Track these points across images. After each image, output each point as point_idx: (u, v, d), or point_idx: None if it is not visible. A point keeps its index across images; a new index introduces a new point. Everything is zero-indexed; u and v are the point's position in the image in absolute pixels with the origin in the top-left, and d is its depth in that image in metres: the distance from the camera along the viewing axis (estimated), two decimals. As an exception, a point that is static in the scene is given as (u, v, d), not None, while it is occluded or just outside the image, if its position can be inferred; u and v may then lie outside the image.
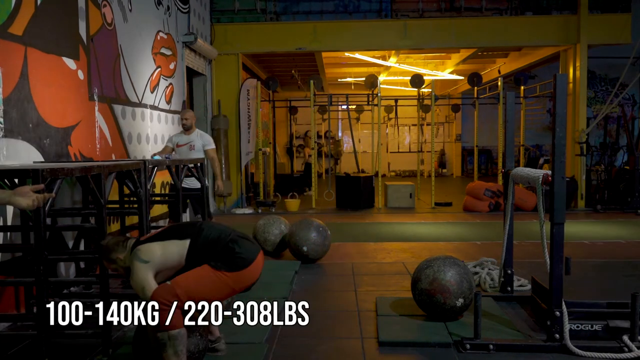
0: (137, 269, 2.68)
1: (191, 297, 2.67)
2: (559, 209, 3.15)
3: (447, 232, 7.58)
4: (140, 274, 2.67)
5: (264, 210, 9.91)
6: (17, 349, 3.32)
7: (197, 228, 2.81)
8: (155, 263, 2.70)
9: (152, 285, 2.66)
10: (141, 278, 2.66)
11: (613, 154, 11.92)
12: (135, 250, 2.75)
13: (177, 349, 2.62)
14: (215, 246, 2.74)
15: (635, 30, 9.98)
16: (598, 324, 3.35)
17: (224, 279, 2.70)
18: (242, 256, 2.73)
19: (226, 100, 10.24)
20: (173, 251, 2.73)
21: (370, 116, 11.80)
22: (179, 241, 2.75)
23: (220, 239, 2.76)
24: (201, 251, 2.73)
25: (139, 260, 2.69)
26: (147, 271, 2.68)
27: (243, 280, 2.77)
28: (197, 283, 2.67)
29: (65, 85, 4.74)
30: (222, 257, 2.72)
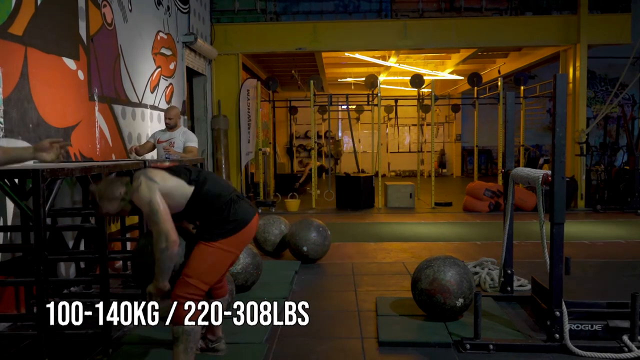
0: (144, 185, 2.54)
1: (205, 281, 2.64)
2: (559, 209, 3.15)
3: (447, 232, 7.58)
4: (146, 189, 2.53)
5: (264, 210, 9.91)
6: (17, 349, 3.32)
7: (202, 179, 2.71)
8: (163, 187, 2.57)
9: (160, 202, 2.52)
10: (148, 192, 2.52)
11: (613, 154, 11.92)
12: (142, 171, 2.64)
13: (188, 345, 2.60)
14: (213, 203, 2.68)
15: (635, 30, 9.98)
16: (598, 324, 3.35)
17: (222, 248, 2.66)
18: (237, 218, 2.69)
19: (226, 100, 10.24)
20: (180, 189, 2.64)
21: (370, 116, 11.80)
22: (186, 184, 2.66)
23: (220, 196, 2.70)
24: (200, 204, 2.67)
25: (146, 177, 2.57)
26: (155, 189, 2.54)
27: (238, 243, 2.73)
28: (202, 265, 2.63)
29: (66, 86, 4.74)
30: (217, 218, 2.67)
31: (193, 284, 2.61)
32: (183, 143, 5.91)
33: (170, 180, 2.63)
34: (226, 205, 2.70)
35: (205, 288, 2.67)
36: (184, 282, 2.62)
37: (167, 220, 2.53)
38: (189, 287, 2.61)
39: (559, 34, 10.08)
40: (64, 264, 4.62)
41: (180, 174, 2.70)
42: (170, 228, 2.51)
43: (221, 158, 9.80)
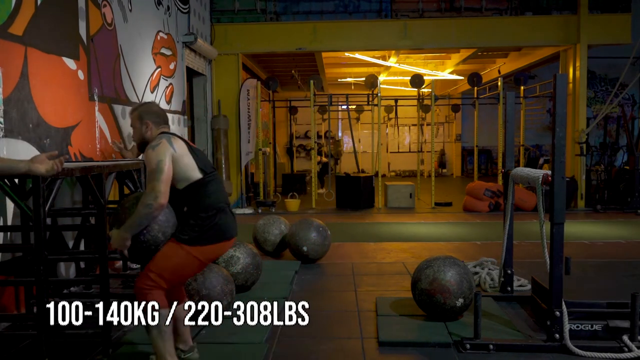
0: (165, 146, 2.64)
1: (165, 278, 2.67)
2: (559, 209, 3.15)
3: (447, 232, 7.58)
4: (164, 150, 2.63)
5: (264, 210, 9.91)
6: (17, 349, 3.32)
7: (212, 176, 2.79)
8: (177, 159, 2.66)
9: (168, 166, 2.60)
10: (163, 152, 2.62)
11: (613, 154, 11.92)
12: (169, 135, 2.74)
13: (159, 329, 2.65)
14: (206, 200, 2.72)
15: (635, 30, 9.97)
16: (598, 324, 3.35)
17: (191, 254, 2.68)
18: (219, 230, 2.73)
19: (226, 100, 10.24)
20: (189, 170, 2.70)
21: (370, 116, 11.80)
22: (197, 169, 2.72)
23: (216, 199, 2.75)
24: (197, 193, 2.71)
25: (170, 143, 2.66)
26: (169, 154, 2.63)
27: (209, 254, 2.77)
28: (167, 262, 2.66)
29: (66, 86, 4.74)
30: (202, 216, 2.69)
31: (152, 278, 2.65)
32: None
33: (186, 155, 2.70)
34: (216, 210, 2.74)
35: (163, 284, 2.68)
36: (145, 274, 2.68)
37: (166, 183, 2.59)
38: (148, 279, 2.66)
39: (559, 34, 10.08)
40: (64, 264, 4.62)
41: (198, 157, 2.76)
42: (164, 191, 2.57)
43: (221, 158, 9.80)
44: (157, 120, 2.85)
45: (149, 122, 2.82)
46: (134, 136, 2.91)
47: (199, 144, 9.64)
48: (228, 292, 3.68)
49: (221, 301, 3.62)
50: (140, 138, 2.85)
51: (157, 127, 2.84)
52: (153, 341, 2.69)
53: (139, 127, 2.84)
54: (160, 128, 2.85)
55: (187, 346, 3.03)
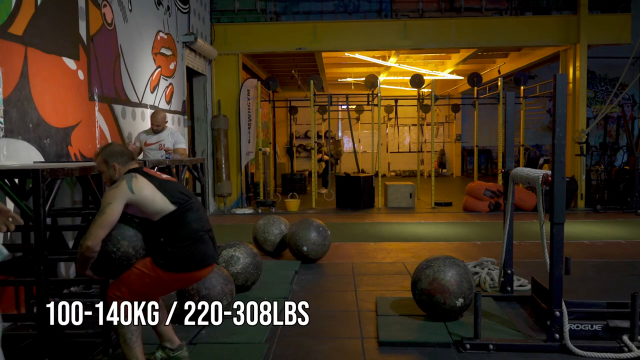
0: (120, 190, 2.67)
1: (133, 293, 2.70)
2: (559, 209, 3.15)
3: (447, 232, 7.58)
4: (118, 194, 2.66)
5: (264, 210, 9.91)
6: (17, 349, 3.32)
7: (188, 206, 2.78)
8: (137, 200, 2.68)
9: (116, 210, 2.63)
10: (116, 197, 2.65)
11: (613, 154, 11.92)
12: (132, 175, 2.75)
13: (125, 337, 2.71)
14: (180, 232, 2.72)
15: (635, 30, 9.97)
16: (598, 324, 3.35)
17: (163, 278, 2.71)
18: (194, 259, 2.74)
19: (226, 100, 10.24)
20: (157, 205, 2.71)
21: (370, 116, 11.80)
22: (169, 202, 2.73)
23: (188, 231, 2.74)
24: (172, 224, 2.73)
25: (128, 185, 2.69)
26: (124, 198, 2.65)
27: (181, 280, 2.80)
28: (139, 281, 2.70)
29: (66, 85, 4.74)
30: (178, 246, 2.70)
31: (122, 290, 2.70)
32: (172, 144, 5.84)
33: (150, 194, 2.70)
34: (193, 240, 2.73)
35: (130, 299, 2.71)
36: (116, 284, 2.72)
37: (102, 227, 2.61)
38: (117, 290, 2.71)
39: (559, 34, 10.08)
40: (64, 264, 4.62)
41: (167, 191, 2.75)
42: (96, 234, 2.59)
43: (221, 158, 9.80)
44: (123, 159, 2.84)
45: (115, 164, 2.82)
46: (103, 178, 2.91)
47: (199, 144, 9.65)
48: (228, 292, 3.68)
49: (221, 301, 3.62)
50: (110, 180, 2.85)
51: (124, 166, 2.83)
52: (121, 347, 2.75)
53: (106, 170, 2.84)
54: (127, 166, 2.84)
55: (174, 344, 3.02)
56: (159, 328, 2.98)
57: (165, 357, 3.00)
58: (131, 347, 2.71)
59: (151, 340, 3.17)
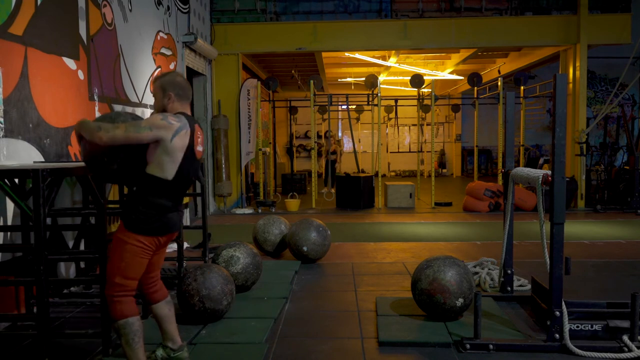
0: (168, 129, 2.62)
1: (127, 276, 2.67)
2: (559, 209, 3.15)
3: (447, 232, 7.58)
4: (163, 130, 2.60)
5: (264, 210, 9.91)
6: (17, 349, 3.32)
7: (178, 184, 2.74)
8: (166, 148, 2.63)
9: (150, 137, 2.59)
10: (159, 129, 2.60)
11: (613, 154, 11.93)
12: (187, 125, 2.69)
13: (128, 337, 2.66)
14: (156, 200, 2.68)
15: (635, 30, 9.98)
16: (598, 324, 3.35)
17: (136, 244, 2.66)
18: (163, 223, 2.70)
19: (226, 100, 10.24)
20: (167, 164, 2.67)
21: (370, 116, 11.80)
22: (174, 173, 2.69)
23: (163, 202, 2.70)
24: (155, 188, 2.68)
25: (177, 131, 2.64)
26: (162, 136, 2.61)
27: (156, 243, 2.73)
28: (122, 262, 2.67)
29: (66, 85, 4.74)
30: (146, 216, 2.66)
31: (117, 282, 2.66)
32: None
33: (177, 153, 2.66)
34: (164, 210, 2.70)
35: (130, 283, 2.69)
36: (109, 282, 2.69)
37: (126, 139, 2.57)
38: (114, 287, 2.67)
39: (559, 34, 10.08)
40: (64, 263, 4.62)
41: (185, 165, 2.72)
42: (116, 140, 2.56)
43: (221, 158, 9.80)
44: (181, 93, 2.80)
45: (172, 95, 2.77)
46: (155, 104, 2.86)
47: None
48: (228, 292, 3.67)
49: (221, 301, 3.62)
50: (161, 109, 2.80)
51: (180, 100, 2.80)
52: (123, 348, 2.70)
53: (161, 98, 2.79)
54: (182, 103, 2.81)
55: (175, 345, 3.00)
56: (164, 325, 2.97)
57: (166, 357, 3.00)
58: (133, 348, 2.67)
59: (152, 340, 3.18)
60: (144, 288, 2.94)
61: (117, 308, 2.66)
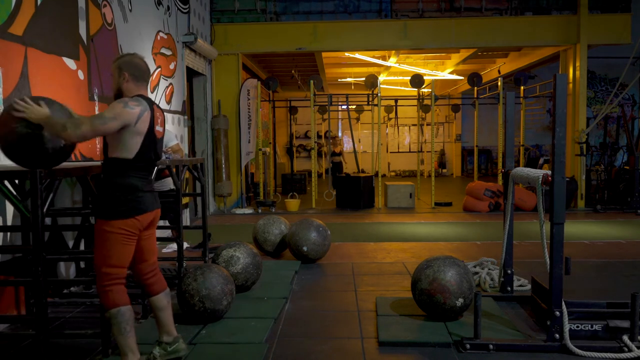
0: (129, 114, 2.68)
1: (113, 264, 2.72)
2: (559, 209, 3.15)
3: (447, 232, 7.58)
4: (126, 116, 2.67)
5: (264, 210, 9.91)
6: (17, 349, 3.32)
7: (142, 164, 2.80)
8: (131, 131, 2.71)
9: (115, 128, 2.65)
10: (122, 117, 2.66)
11: (613, 154, 11.92)
12: (147, 107, 2.76)
13: (120, 326, 2.71)
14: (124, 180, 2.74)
15: (635, 30, 9.98)
16: (598, 324, 3.35)
17: (113, 231, 2.71)
18: (133, 207, 2.74)
19: (226, 100, 10.24)
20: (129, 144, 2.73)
21: (370, 116, 11.80)
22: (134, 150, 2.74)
23: (131, 182, 2.75)
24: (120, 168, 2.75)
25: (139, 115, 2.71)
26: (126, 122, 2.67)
27: (132, 225, 2.76)
28: (105, 250, 2.72)
29: (66, 85, 4.74)
30: (114, 199, 2.72)
31: (105, 272, 2.72)
32: (165, 144, 5.79)
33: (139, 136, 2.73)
34: (132, 190, 2.75)
35: (117, 271, 2.73)
36: (97, 273, 2.75)
37: (94, 133, 2.65)
38: (102, 278, 2.73)
39: (559, 34, 10.08)
40: (63, 263, 4.62)
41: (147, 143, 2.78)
42: (85, 136, 2.64)
43: (221, 158, 9.80)
44: (136, 74, 2.83)
45: (126, 74, 2.80)
46: (112, 85, 2.89)
47: (199, 144, 9.65)
48: (228, 292, 3.67)
49: (221, 301, 3.62)
50: (117, 89, 2.84)
51: (135, 81, 2.82)
52: (115, 337, 2.75)
53: (117, 77, 2.83)
54: (138, 84, 2.84)
55: (170, 337, 3.01)
56: (160, 315, 2.98)
57: (164, 353, 3.00)
58: (125, 336, 2.72)
59: (148, 340, 3.18)
60: (142, 279, 2.97)
61: (109, 297, 2.70)
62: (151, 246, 2.97)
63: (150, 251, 2.97)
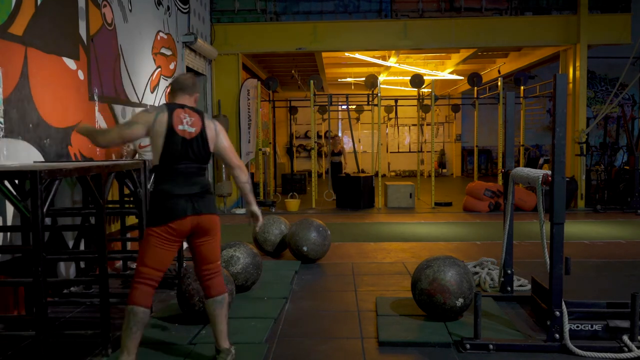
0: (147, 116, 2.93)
1: (147, 264, 2.83)
2: (559, 209, 3.15)
3: (447, 232, 7.58)
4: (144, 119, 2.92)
5: (264, 210, 9.90)
6: (16, 349, 3.32)
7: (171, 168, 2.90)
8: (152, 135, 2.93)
9: (139, 131, 2.90)
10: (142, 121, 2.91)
11: (613, 154, 11.92)
12: (164, 109, 2.95)
13: (128, 324, 2.77)
14: (158, 186, 2.90)
15: (635, 30, 9.97)
16: (598, 324, 3.35)
17: (151, 234, 2.83)
18: (162, 214, 2.83)
19: (226, 100, 10.24)
20: (155, 152, 2.92)
21: (370, 116, 11.80)
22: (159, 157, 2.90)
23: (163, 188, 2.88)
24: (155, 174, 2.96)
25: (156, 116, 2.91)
26: (147, 125, 2.90)
27: (167, 231, 2.83)
28: (142, 251, 2.87)
29: (66, 85, 4.74)
30: (151, 202, 2.90)
31: (138, 269, 2.85)
32: None
33: (159, 138, 2.88)
34: (165, 196, 2.85)
35: (147, 271, 2.82)
36: (135, 269, 2.88)
37: (122, 139, 2.96)
38: (135, 274, 2.84)
39: (559, 34, 10.08)
40: (63, 263, 4.62)
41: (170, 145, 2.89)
42: (113, 141, 2.98)
43: (221, 158, 9.78)
44: (176, 87, 3.12)
45: (169, 89, 3.25)
46: None
47: (199, 144, 9.62)
48: (228, 292, 3.67)
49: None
50: None
51: (173, 93, 3.12)
52: (122, 331, 2.80)
53: None
54: (176, 95, 3.11)
55: (220, 347, 3.01)
56: (211, 325, 3.03)
57: None
58: (128, 334, 2.76)
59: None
60: (200, 281, 3.06)
61: (133, 293, 2.80)
62: (208, 252, 3.00)
63: (207, 256, 3.01)
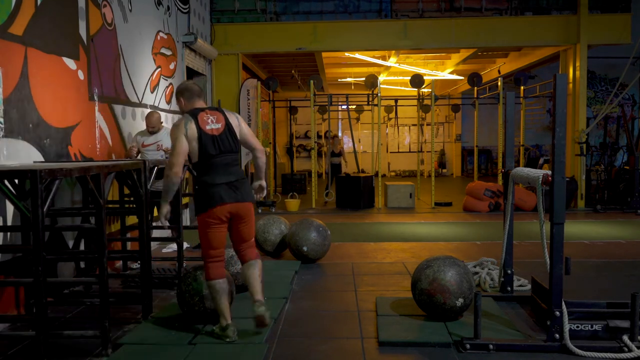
0: (179, 128, 3.32)
1: (207, 246, 3.38)
2: (559, 209, 3.15)
3: (447, 232, 7.58)
4: (179, 132, 3.31)
5: (264, 210, 9.90)
6: (16, 349, 3.32)
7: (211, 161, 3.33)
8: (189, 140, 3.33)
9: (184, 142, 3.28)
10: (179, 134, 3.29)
11: (613, 154, 11.92)
12: (189, 118, 3.34)
13: (215, 295, 3.35)
14: (201, 178, 3.36)
15: (635, 30, 9.98)
16: (598, 324, 3.35)
17: (200, 222, 3.37)
18: (206, 201, 3.32)
19: (226, 100, 10.24)
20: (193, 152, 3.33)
21: (370, 116, 11.80)
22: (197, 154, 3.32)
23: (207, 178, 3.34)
24: (197, 170, 3.39)
25: (185, 125, 3.30)
26: (182, 136, 3.28)
27: (212, 216, 3.33)
28: (201, 238, 3.42)
29: (66, 85, 4.74)
30: (196, 192, 3.40)
31: (205, 253, 3.40)
32: (163, 144, 5.78)
33: (194, 141, 3.29)
34: (208, 185, 3.32)
35: (212, 252, 3.37)
36: (202, 253, 3.43)
37: (177, 156, 3.28)
38: (204, 257, 3.41)
39: (559, 34, 10.08)
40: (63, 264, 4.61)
41: (203, 144, 3.29)
42: (176, 162, 3.28)
43: (221, 158, 9.78)
44: (187, 95, 3.46)
45: (182, 99, 3.47)
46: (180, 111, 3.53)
47: (199, 144, 9.62)
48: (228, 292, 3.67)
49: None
50: (182, 111, 3.50)
51: (188, 100, 3.46)
52: (212, 301, 3.42)
53: (178, 104, 3.53)
54: (191, 101, 3.45)
55: (255, 299, 3.41)
56: (246, 279, 3.48)
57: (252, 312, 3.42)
58: (217, 301, 3.35)
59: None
60: (237, 253, 3.57)
61: (208, 272, 3.36)
62: (244, 233, 3.50)
63: (244, 237, 3.52)
